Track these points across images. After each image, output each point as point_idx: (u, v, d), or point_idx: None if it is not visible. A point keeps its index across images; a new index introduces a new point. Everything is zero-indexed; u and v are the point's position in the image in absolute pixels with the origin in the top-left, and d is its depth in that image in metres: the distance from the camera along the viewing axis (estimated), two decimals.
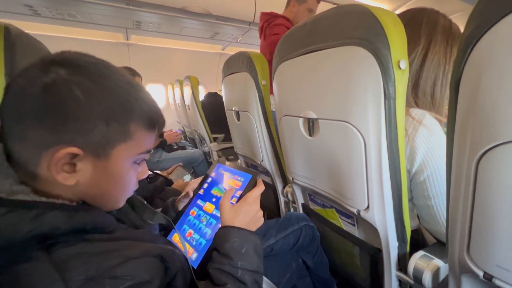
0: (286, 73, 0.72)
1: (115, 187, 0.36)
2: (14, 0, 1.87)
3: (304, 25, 0.64)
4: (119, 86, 0.33)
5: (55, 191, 0.32)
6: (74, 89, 0.30)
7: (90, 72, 0.32)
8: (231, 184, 0.61)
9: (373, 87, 0.48)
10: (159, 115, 0.38)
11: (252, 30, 2.67)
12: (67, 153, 0.30)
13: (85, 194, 0.34)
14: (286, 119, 0.76)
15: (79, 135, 0.31)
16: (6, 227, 0.25)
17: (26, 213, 0.27)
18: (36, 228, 0.26)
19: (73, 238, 0.29)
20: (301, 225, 0.78)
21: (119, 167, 0.35)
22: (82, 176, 0.33)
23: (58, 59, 0.31)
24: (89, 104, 0.31)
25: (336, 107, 0.56)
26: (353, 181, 0.58)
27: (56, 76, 0.30)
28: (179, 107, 2.73)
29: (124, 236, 0.35)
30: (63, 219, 0.28)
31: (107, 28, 2.58)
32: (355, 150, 0.54)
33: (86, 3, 1.95)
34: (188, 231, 0.58)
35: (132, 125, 0.34)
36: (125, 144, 0.34)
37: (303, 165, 0.77)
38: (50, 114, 0.29)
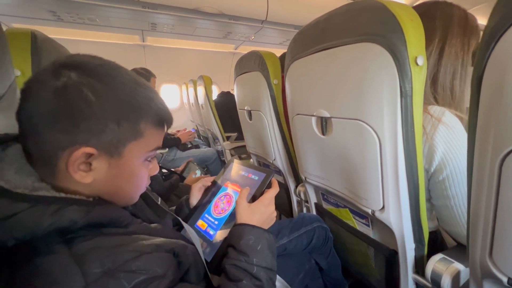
0: (299, 72, 0.72)
1: (129, 184, 0.38)
2: (39, 7, 1.98)
3: (317, 22, 0.63)
4: (128, 86, 0.34)
5: (73, 188, 0.34)
6: (84, 91, 0.31)
7: (99, 74, 0.33)
8: (245, 182, 0.61)
9: (388, 84, 0.46)
10: (167, 113, 0.39)
11: (264, 28, 2.67)
12: (83, 153, 0.32)
13: (101, 191, 0.36)
14: (298, 118, 0.76)
15: (92, 135, 0.32)
16: (29, 221, 0.27)
17: (47, 208, 0.28)
18: (56, 222, 0.28)
19: (90, 232, 0.31)
20: (314, 226, 0.78)
21: (131, 164, 0.36)
22: (98, 174, 0.34)
23: (68, 62, 0.32)
24: (100, 105, 0.32)
25: (350, 106, 0.55)
26: (368, 181, 0.57)
27: (67, 79, 0.31)
28: (193, 107, 2.78)
29: (138, 231, 0.36)
30: (80, 213, 0.30)
31: (124, 30, 2.66)
32: (369, 149, 0.53)
33: (105, 7, 2.02)
34: (203, 225, 0.59)
35: (142, 123, 0.36)
36: (136, 142, 0.36)
37: (316, 165, 0.76)
38: (63, 117, 0.31)
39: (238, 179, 0.64)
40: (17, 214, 0.26)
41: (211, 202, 0.63)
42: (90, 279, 0.27)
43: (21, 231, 0.26)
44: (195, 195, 0.64)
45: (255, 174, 0.62)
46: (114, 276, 0.28)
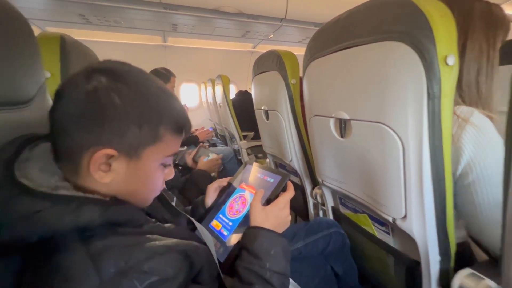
0: (317, 72, 0.70)
1: (144, 186, 0.39)
2: (70, 11, 2.10)
3: (337, 20, 0.61)
4: (152, 92, 0.36)
5: (92, 187, 0.35)
6: (112, 95, 0.33)
7: (126, 79, 0.35)
8: (260, 184, 0.61)
9: (414, 85, 0.44)
10: (186, 120, 0.41)
11: (283, 26, 2.64)
12: (104, 154, 0.33)
13: (117, 192, 0.37)
14: (316, 119, 0.74)
15: (114, 137, 0.34)
16: (51, 219, 0.28)
17: (67, 207, 0.30)
18: (75, 220, 0.29)
19: (107, 230, 0.32)
20: (330, 231, 0.76)
21: (148, 167, 0.38)
22: (116, 175, 0.35)
23: (100, 67, 0.35)
24: (124, 108, 0.34)
25: (371, 108, 0.53)
26: (389, 187, 0.54)
27: (98, 83, 0.33)
28: (211, 105, 2.82)
29: (152, 231, 0.37)
30: (98, 212, 0.31)
31: (147, 31, 2.76)
32: (391, 154, 0.50)
33: (129, 9, 2.11)
34: (218, 225, 0.59)
35: (162, 128, 0.37)
36: (154, 146, 0.37)
37: (333, 167, 0.74)
38: (91, 118, 0.33)
39: (254, 181, 0.64)
40: (40, 212, 0.28)
41: (226, 202, 0.63)
42: (104, 277, 0.28)
43: (43, 228, 0.28)
44: (210, 196, 0.65)
45: (271, 177, 0.61)
46: (127, 276, 0.29)
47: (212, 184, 0.66)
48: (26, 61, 0.48)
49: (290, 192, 0.54)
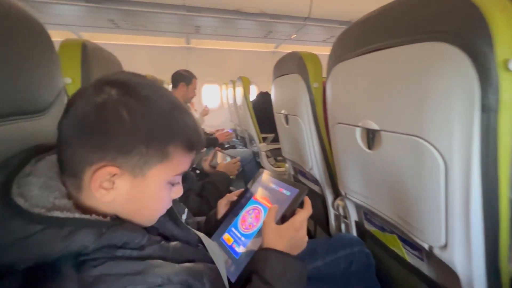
0: (343, 75, 0.64)
1: (148, 206, 0.37)
2: (101, 16, 2.21)
3: (367, 19, 0.54)
4: (163, 107, 0.34)
5: (94, 204, 0.33)
6: (121, 110, 0.31)
7: (138, 93, 0.32)
8: (276, 197, 0.56)
9: (463, 95, 0.36)
10: (198, 138, 0.38)
11: (307, 26, 2.55)
12: (107, 172, 0.31)
13: (119, 210, 0.35)
14: (340, 127, 0.67)
15: (119, 154, 0.32)
16: (41, 245, 0.26)
17: (59, 231, 0.27)
18: (67, 247, 0.27)
19: (104, 253, 0.30)
20: (354, 249, 0.69)
21: (154, 187, 0.35)
22: (119, 194, 0.33)
23: (112, 80, 0.33)
24: (132, 125, 0.31)
25: (406, 119, 0.46)
26: (425, 211, 0.47)
27: (108, 97, 0.31)
28: (232, 107, 2.82)
29: (153, 254, 0.34)
30: (93, 236, 0.29)
31: (171, 34, 2.83)
32: (430, 173, 0.43)
33: (155, 13, 2.17)
34: (230, 239, 0.56)
35: (171, 146, 0.34)
36: (162, 165, 0.35)
37: (358, 181, 0.67)
38: (97, 132, 0.31)
39: (268, 193, 0.59)
40: (30, 237, 0.26)
41: (238, 214, 0.60)
42: None
43: (31, 255, 0.26)
44: (221, 212, 0.62)
45: (287, 189, 0.56)
46: None
47: (222, 200, 0.63)
48: (43, 69, 0.48)
49: (307, 209, 0.49)
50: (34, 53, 0.46)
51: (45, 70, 0.48)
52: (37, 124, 0.46)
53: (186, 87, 2.06)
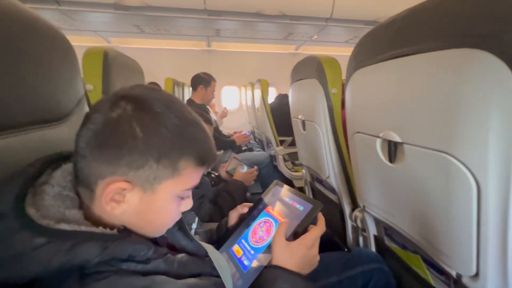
0: (363, 82, 0.60)
1: (157, 219, 0.37)
2: (128, 23, 2.32)
3: (391, 22, 0.50)
4: (176, 123, 0.34)
5: (104, 215, 0.34)
6: (134, 125, 0.31)
7: (152, 109, 0.33)
8: (288, 211, 0.54)
9: (501, 110, 0.32)
10: (210, 154, 0.38)
11: (329, 26, 2.49)
12: (118, 186, 0.32)
13: (128, 222, 0.35)
14: (359, 136, 0.63)
15: (131, 170, 0.32)
16: (44, 258, 0.27)
17: (63, 245, 0.28)
18: (70, 260, 0.27)
19: (108, 266, 0.30)
20: (372, 267, 0.65)
21: (163, 201, 0.35)
22: (128, 207, 0.34)
23: (128, 94, 0.33)
24: (144, 141, 0.32)
25: (433, 132, 0.41)
26: (453, 235, 0.42)
27: (122, 112, 0.32)
28: (250, 109, 2.82)
29: (158, 269, 0.34)
30: (98, 249, 0.29)
31: (193, 37, 2.90)
32: (460, 194, 0.39)
33: (177, 18, 2.23)
34: (239, 251, 0.55)
35: (182, 162, 0.34)
36: (172, 180, 0.35)
37: (378, 194, 0.63)
38: (110, 147, 0.31)
39: (281, 206, 0.57)
40: (35, 250, 0.26)
41: (250, 226, 0.58)
42: None
43: (35, 268, 0.27)
44: (232, 222, 0.61)
45: (301, 204, 0.54)
46: None
47: (233, 211, 0.62)
48: (64, 78, 0.50)
49: (320, 227, 0.47)
50: (56, 63, 0.48)
51: (66, 79, 0.50)
52: (58, 131, 0.48)
53: (205, 90, 2.09)
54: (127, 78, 0.86)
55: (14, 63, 0.37)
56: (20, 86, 0.38)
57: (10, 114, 0.37)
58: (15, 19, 0.38)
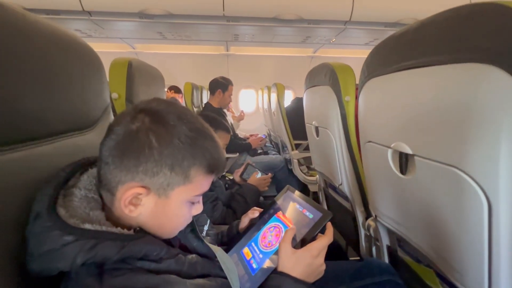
0: (375, 92, 0.60)
1: (170, 222, 0.40)
2: (151, 30, 2.45)
3: (406, 32, 0.50)
4: (187, 135, 0.37)
5: (123, 217, 0.38)
6: (151, 136, 0.35)
7: (167, 122, 0.36)
8: (298, 218, 0.55)
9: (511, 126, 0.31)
10: (219, 162, 0.40)
11: (348, 29, 2.45)
12: (136, 192, 0.35)
13: (144, 223, 0.39)
14: (371, 146, 0.63)
15: (147, 177, 0.35)
16: (71, 254, 0.30)
17: (86, 243, 0.31)
18: (91, 258, 0.31)
19: (124, 264, 0.33)
20: (384, 278, 0.63)
21: (175, 205, 0.38)
22: (145, 210, 0.37)
23: (146, 108, 0.37)
24: (159, 151, 0.35)
25: (443, 146, 0.41)
26: (464, 252, 0.41)
27: (141, 124, 0.35)
28: (266, 112, 2.84)
29: (169, 269, 0.37)
30: (116, 249, 0.32)
31: (212, 43, 2.98)
32: (470, 211, 0.38)
33: (197, 24, 2.31)
34: (248, 254, 0.56)
35: (193, 170, 0.37)
36: (184, 187, 0.37)
37: (390, 205, 0.62)
38: (129, 156, 0.35)
39: (291, 212, 0.58)
40: (63, 247, 0.30)
41: (260, 230, 0.60)
42: None
43: (63, 263, 0.30)
44: (243, 225, 0.63)
45: (311, 212, 0.54)
46: None
47: (245, 215, 0.64)
48: (93, 88, 0.55)
49: (328, 237, 0.47)
50: (86, 75, 0.53)
51: (95, 89, 0.55)
52: (87, 138, 0.53)
53: (222, 94, 2.15)
54: (149, 85, 0.92)
55: (51, 77, 0.42)
56: (56, 98, 0.44)
57: (47, 124, 0.42)
58: (50, 37, 0.43)
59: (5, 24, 0.34)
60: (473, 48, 0.35)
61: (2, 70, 0.32)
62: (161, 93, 1.11)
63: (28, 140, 0.37)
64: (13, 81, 0.34)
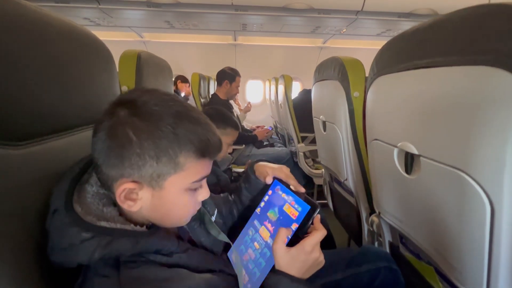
0: (383, 90, 0.59)
1: (172, 212, 0.40)
2: (158, 19, 2.43)
3: (416, 31, 0.49)
4: (168, 121, 0.35)
5: (131, 213, 0.39)
6: (127, 130, 0.34)
7: (143, 112, 0.34)
8: (287, 211, 0.53)
9: None
10: (209, 145, 0.38)
11: (359, 20, 2.37)
12: (127, 187, 0.35)
13: (149, 216, 0.39)
14: (377, 144, 0.63)
15: (134, 170, 0.35)
16: (89, 249, 0.32)
17: (103, 239, 0.33)
18: (107, 254, 0.33)
19: (139, 257, 0.35)
20: (379, 265, 0.63)
21: (173, 195, 0.38)
22: (144, 203, 0.37)
23: (123, 100, 0.36)
24: (139, 143, 0.34)
25: (448, 148, 0.41)
26: (465, 252, 0.42)
27: (116, 119, 0.34)
28: (273, 104, 2.82)
29: (180, 262, 0.38)
30: (130, 245, 0.34)
31: (220, 32, 2.94)
32: (473, 214, 0.38)
33: (205, 13, 2.28)
34: (245, 254, 0.55)
35: (182, 157, 0.36)
36: (176, 175, 0.36)
37: (393, 203, 0.62)
38: (113, 154, 0.34)
39: (279, 206, 0.55)
40: (82, 243, 0.32)
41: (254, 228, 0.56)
42: None
43: (82, 257, 0.32)
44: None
45: (299, 204, 0.52)
46: None
47: None
48: (104, 82, 0.56)
49: (320, 232, 0.44)
50: (98, 70, 0.54)
51: (106, 83, 0.57)
52: None
53: (229, 85, 2.14)
54: (157, 77, 0.93)
55: (65, 73, 0.44)
56: (70, 93, 0.45)
57: (62, 118, 0.43)
58: (64, 34, 0.44)
59: (22, 22, 0.35)
60: (484, 51, 0.34)
61: (20, 68, 0.34)
62: (169, 84, 1.11)
63: (44, 135, 0.39)
64: (30, 78, 0.36)
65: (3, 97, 0.32)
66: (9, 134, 0.33)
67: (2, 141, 0.31)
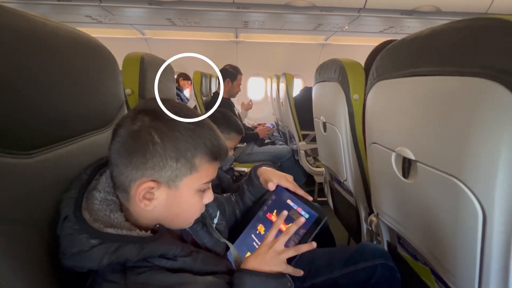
0: (382, 95, 0.60)
1: (183, 212, 0.43)
2: (160, 16, 2.42)
3: (415, 38, 0.50)
4: (187, 128, 0.39)
5: (139, 213, 0.41)
6: (153, 133, 0.38)
7: (166, 118, 0.39)
8: (293, 216, 0.53)
9: (510, 144, 0.32)
10: (220, 149, 0.43)
11: (361, 17, 2.35)
12: (148, 186, 0.38)
13: (160, 216, 0.42)
14: (375, 147, 0.64)
15: (155, 171, 0.38)
16: (97, 256, 0.34)
17: (111, 246, 0.34)
18: (114, 260, 0.34)
19: (145, 263, 0.37)
20: (376, 262, 0.64)
21: (186, 195, 0.41)
22: (159, 203, 0.40)
23: (145, 108, 0.40)
24: (163, 146, 0.38)
25: (443, 155, 0.42)
26: (458, 256, 0.43)
27: (142, 123, 0.38)
28: (274, 101, 2.82)
29: (184, 266, 0.40)
30: (135, 250, 0.35)
31: (221, 29, 2.93)
32: (466, 219, 0.40)
33: (207, 11, 2.27)
34: (246, 254, 0.56)
35: (197, 159, 0.40)
36: (191, 176, 0.41)
37: (391, 205, 0.64)
38: (136, 155, 0.38)
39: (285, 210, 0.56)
40: (91, 249, 0.34)
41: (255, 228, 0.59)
42: None
43: (91, 263, 0.34)
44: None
45: (306, 211, 0.53)
46: None
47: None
48: (109, 88, 0.57)
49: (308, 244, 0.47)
50: (103, 76, 0.55)
51: (111, 89, 0.58)
52: (105, 136, 0.56)
53: (231, 83, 2.14)
54: (160, 78, 0.94)
55: (72, 82, 0.45)
56: (77, 101, 0.47)
57: (69, 126, 0.45)
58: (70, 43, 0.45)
59: (32, 35, 0.36)
60: (481, 64, 0.35)
61: (29, 79, 0.35)
62: (171, 85, 1.13)
63: (54, 143, 0.41)
64: (40, 88, 0.37)
65: (16, 109, 0.33)
66: (21, 145, 0.34)
67: (15, 151, 0.33)
